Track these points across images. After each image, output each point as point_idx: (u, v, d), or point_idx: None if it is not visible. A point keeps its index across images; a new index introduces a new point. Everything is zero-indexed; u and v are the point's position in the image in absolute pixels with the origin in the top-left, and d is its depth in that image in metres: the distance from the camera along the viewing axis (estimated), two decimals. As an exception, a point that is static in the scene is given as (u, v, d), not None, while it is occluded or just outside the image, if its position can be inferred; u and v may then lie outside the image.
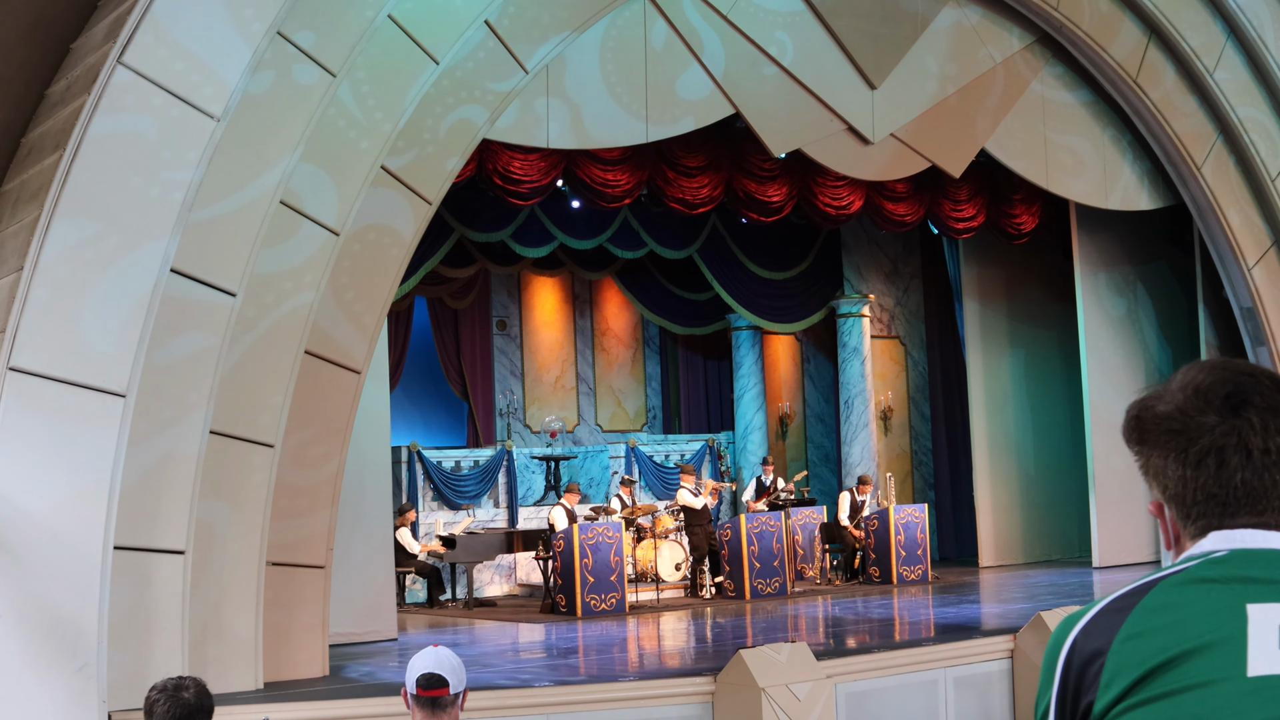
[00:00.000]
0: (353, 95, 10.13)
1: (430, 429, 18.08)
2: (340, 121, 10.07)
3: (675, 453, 18.52)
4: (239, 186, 9.34)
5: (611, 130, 12.12)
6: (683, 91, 12.40)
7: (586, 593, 13.60)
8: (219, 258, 9.24)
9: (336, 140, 10.05)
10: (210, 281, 9.20)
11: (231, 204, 9.32)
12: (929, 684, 10.27)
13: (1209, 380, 1.59)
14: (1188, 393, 1.59)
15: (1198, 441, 1.57)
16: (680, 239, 17.73)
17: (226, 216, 9.30)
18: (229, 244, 9.28)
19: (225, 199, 9.29)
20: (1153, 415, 1.61)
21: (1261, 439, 1.55)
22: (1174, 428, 1.59)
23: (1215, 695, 1.43)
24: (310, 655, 10.00)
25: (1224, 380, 1.58)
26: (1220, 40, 15.02)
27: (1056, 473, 18.57)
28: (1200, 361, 1.65)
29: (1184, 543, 1.61)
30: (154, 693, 4.05)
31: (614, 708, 9.11)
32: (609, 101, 12.00)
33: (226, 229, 9.29)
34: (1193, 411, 1.57)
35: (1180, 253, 17.45)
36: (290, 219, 9.76)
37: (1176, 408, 1.59)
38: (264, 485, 9.50)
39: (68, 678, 8.37)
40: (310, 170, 9.85)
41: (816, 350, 20.37)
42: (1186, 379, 1.61)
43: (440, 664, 3.80)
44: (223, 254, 9.26)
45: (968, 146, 14.39)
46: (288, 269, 9.75)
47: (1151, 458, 1.62)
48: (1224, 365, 1.61)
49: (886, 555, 15.89)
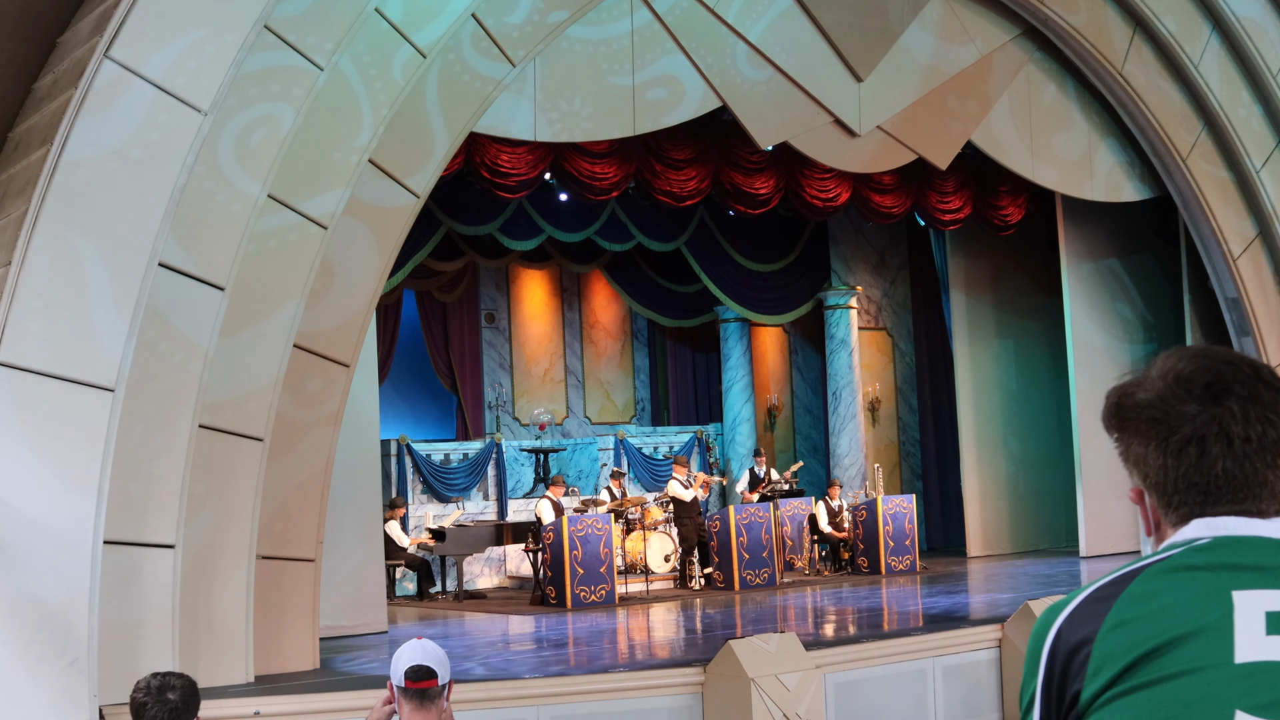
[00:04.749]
0: (343, 89, 10.12)
1: (419, 422, 18.08)
2: (326, 116, 10.07)
3: (664, 445, 18.55)
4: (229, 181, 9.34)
5: (599, 123, 12.13)
6: (670, 85, 12.41)
7: (576, 585, 13.63)
8: (207, 252, 9.24)
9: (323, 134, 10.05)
10: (198, 276, 9.20)
11: (220, 198, 9.32)
12: (917, 673, 10.32)
13: (1189, 369, 1.58)
14: (1168, 380, 1.58)
15: (1178, 430, 1.56)
16: (668, 231, 17.75)
17: (215, 210, 9.30)
18: (217, 238, 9.28)
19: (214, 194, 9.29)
20: (1133, 403, 1.61)
21: (1243, 427, 1.54)
22: (1154, 416, 1.58)
23: (1203, 682, 1.44)
24: (301, 648, 10.02)
25: (1205, 369, 1.57)
26: (1204, 32, 15.08)
27: (1043, 463, 18.64)
28: (1180, 348, 1.64)
29: (1164, 530, 1.61)
30: (139, 693, 3.93)
31: (604, 699, 9.14)
32: (596, 95, 12.01)
33: (215, 223, 9.28)
34: (1173, 400, 1.57)
35: (1165, 244, 17.52)
36: (278, 212, 9.76)
37: (1157, 395, 1.58)
38: (253, 479, 9.51)
39: (58, 672, 8.37)
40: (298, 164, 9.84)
41: (804, 342, 20.42)
42: (1166, 366, 1.60)
43: (427, 655, 3.80)
44: (211, 248, 9.26)
45: (954, 139, 14.43)
46: (276, 263, 9.75)
47: (1132, 445, 1.62)
48: (1204, 353, 1.60)
49: (874, 546, 15.95)
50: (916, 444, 20.19)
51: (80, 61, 8.92)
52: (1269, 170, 15.47)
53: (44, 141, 8.81)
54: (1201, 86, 15.04)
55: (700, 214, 17.59)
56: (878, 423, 19.72)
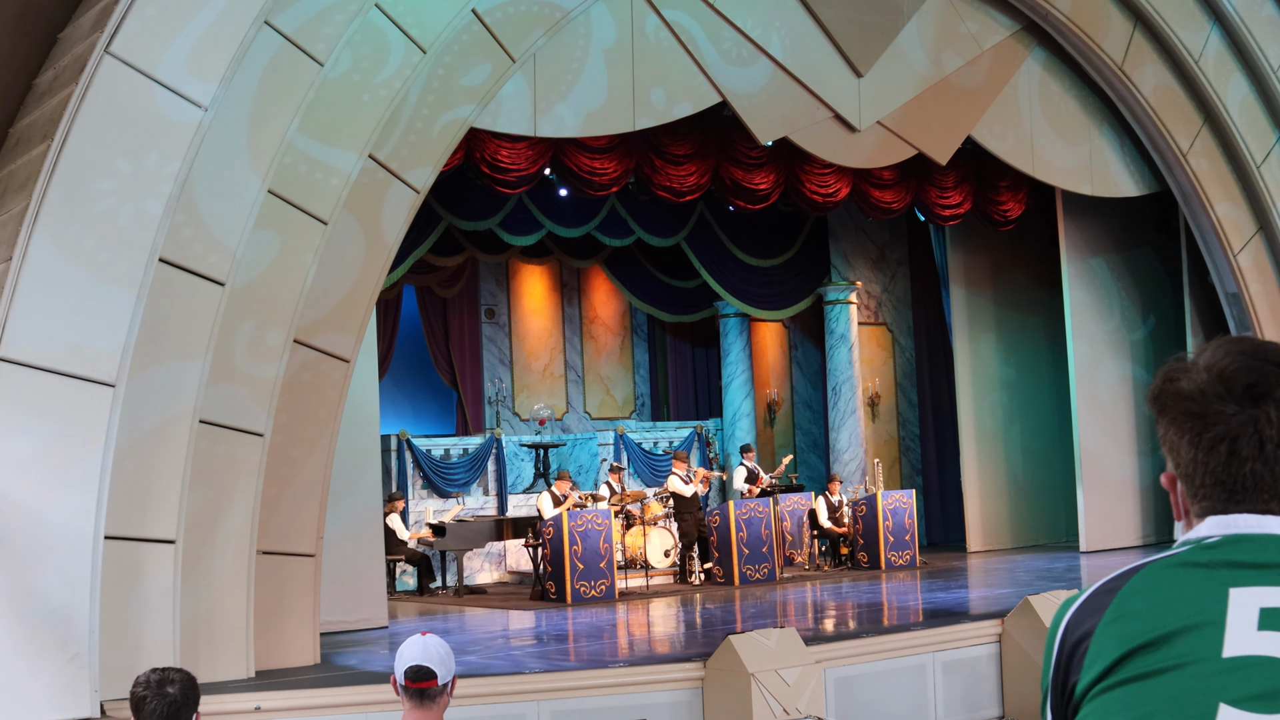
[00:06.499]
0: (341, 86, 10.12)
1: (419, 417, 18.09)
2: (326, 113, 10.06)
3: (664, 440, 18.55)
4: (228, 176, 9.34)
5: (599, 119, 12.12)
6: (670, 80, 12.41)
7: (576, 579, 13.64)
8: (207, 247, 9.24)
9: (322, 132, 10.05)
10: (199, 271, 9.21)
11: (220, 194, 9.32)
12: (917, 668, 10.33)
13: (1233, 366, 1.56)
14: (1211, 375, 1.57)
15: (1213, 428, 1.56)
16: (668, 227, 17.75)
17: (215, 207, 9.30)
18: (218, 233, 9.28)
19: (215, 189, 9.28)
20: (1175, 391, 1.59)
21: (1277, 432, 1.54)
22: (1192, 410, 1.57)
23: (1189, 676, 1.44)
24: (301, 643, 10.03)
25: (1249, 369, 1.56)
26: (1206, 27, 15.08)
27: (1043, 458, 18.65)
28: (1231, 339, 1.61)
29: (1191, 519, 1.61)
30: (139, 688, 3.92)
31: (604, 694, 9.15)
32: (596, 90, 12.00)
33: (216, 218, 9.28)
34: (1213, 397, 1.56)
35: (1166, 239, 17.53)
36: (278, 208, 9.76)
37: (1198, 389, 1.57)
38: (254, 474, 9.51)
39: (59, 667, 8.38)
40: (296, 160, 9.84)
41: (804, 337, 20.42)
42: (1213, 359, 1.58)
43: (428, 654, 3.77)
44: (211, 243, 9.26)
45: (954, 133, 14.42)
46: (276, 257, 9.75)
47: (1169, 432, 1.61)
48: (1252, 352, 1.58)
49: (874, 541, 15.96)
50: (916, 439, 20.20)
51: (81, 57, 8.93)
52: (1269, 165, 15.47)
53: (45, 137, 8.82)
54: (1202, 81, 15.04)
55: (700, 209, 17.59)
56: (877, 418, 19.73)
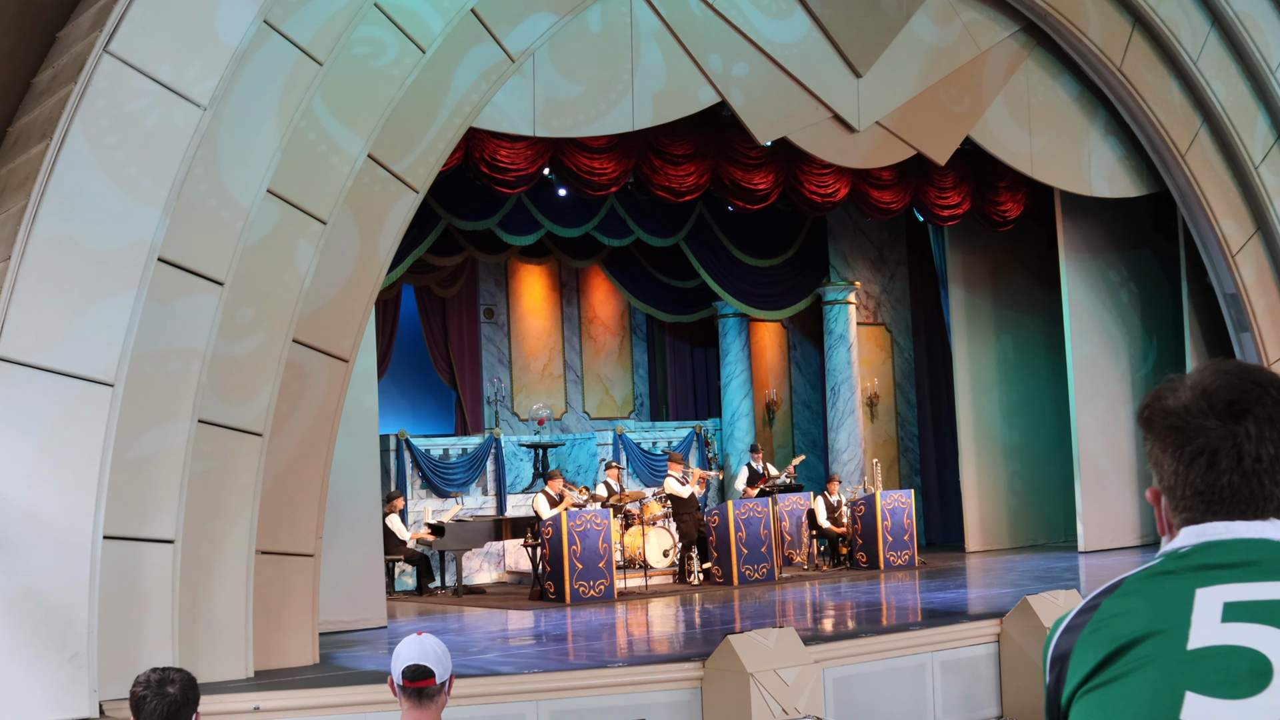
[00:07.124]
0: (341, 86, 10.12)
1: (418, 417, 18.08)
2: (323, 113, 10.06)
3: (663, 440, 18.55)
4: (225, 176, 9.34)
5: (597, 118, 12.12)
6: (669, 80, 12.41)
7: (575, 579, 13.64)
8: (207, 247, 9.24)
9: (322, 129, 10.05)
10: (198, 271, 9.20)
11: (218, 194, 9.32)
12: (916, 668, 10.33)
13: (1216, 384, 1.63)
14: (1195, 392, 1.63)
15: (1193, 441, 1.62)
16: (667, 227, 17.75)
17: (214, 206, 9.30)
18: (217, 233, 9.28)
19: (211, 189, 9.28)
20: (1160, 408, 1.66)
21: (1255, 446, 1.59)
22: (1175, 424, 1.63)
23: (1155, 670, 1.49)
24: (300, 643, 10.03)
25: (1230, 386, 1.62)
26: (1204, 28, 15.08)
27: (1042, 458, 18.66)
28: (1218, 361, 1.68)
29: (1174, 532, 1.67)
30: (139, 687, 3.92)
31: (603, 693, 9.15)
32: (594, 89, 12.00)
33: (214, 218, 9.28)
34: (1195, 413, 1.62)
35: (1164, 239, 17.54)
36: (276, 207, 9.76)
37: (1182, 405, 1.63)
38: (253, 474, 9.51)
39: (58, 667, 8.38)
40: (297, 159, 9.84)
41: (803, 337, 20.43)
42: (1198, 379, 1.65)
43: (425, 654, 3.76)
44: (210, 243, 9.26)
45: (953, 134, 14.43)
46: (275, 257, 9.75)
47: (1154, 448, 1.67)
48: (1235, 371, 1.65)
49: (873, 541, 15.96)
50: (915, 439, 20.20)
51: (80, 56, 8.92)
52: (1268, 166, 15.48)
53: (43, 136, 8.81)
54: (1200, 82, 15.05)
55: (699, 209, 17.59)
56: (876, 418, 19.74)
